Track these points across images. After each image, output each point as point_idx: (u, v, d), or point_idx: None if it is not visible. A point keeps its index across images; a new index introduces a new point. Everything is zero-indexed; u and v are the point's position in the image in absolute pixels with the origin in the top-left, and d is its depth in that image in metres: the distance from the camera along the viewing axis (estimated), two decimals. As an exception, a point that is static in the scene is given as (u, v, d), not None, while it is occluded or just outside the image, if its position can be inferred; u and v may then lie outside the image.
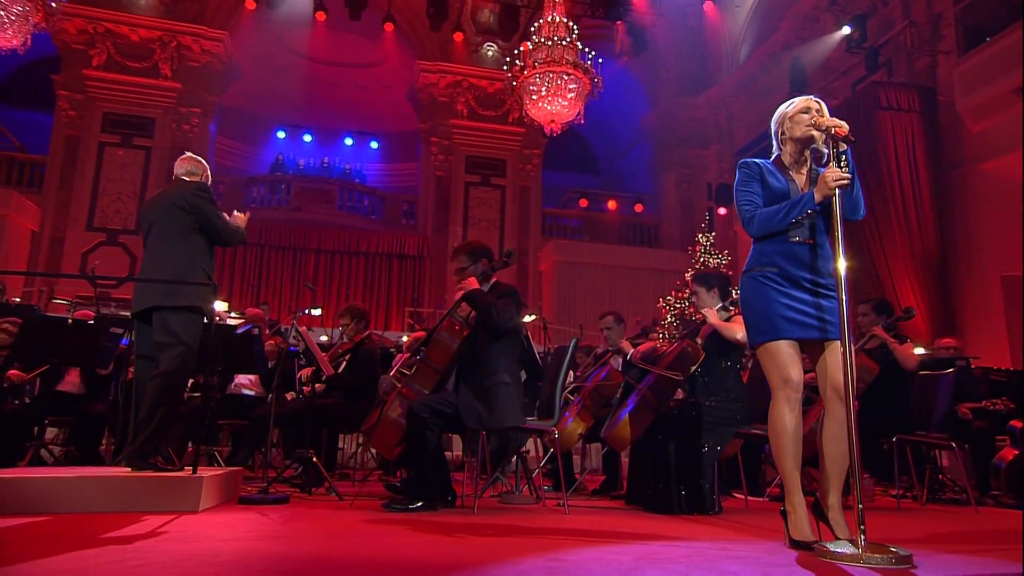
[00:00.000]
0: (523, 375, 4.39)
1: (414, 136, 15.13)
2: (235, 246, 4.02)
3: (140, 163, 12.49)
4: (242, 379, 5.18)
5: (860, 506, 2.26)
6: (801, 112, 2.65)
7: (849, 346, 2.34)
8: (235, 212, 3.91)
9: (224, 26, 13.15)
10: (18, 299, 8.83)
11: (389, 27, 12.45)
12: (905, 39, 10.85)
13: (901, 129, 10.21)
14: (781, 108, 2.73)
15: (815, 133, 2.57)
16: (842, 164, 2.46)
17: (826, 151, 2.54)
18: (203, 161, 3.99)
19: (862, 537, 2.22)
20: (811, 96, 2.72)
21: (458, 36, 12.94)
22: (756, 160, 2.72)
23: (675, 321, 12.11)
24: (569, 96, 10.59)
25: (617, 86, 15.61)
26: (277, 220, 13.23)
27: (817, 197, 2.49)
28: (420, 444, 3.26)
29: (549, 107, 10.60)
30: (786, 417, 2.51)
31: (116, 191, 12.31)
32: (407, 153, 16.02)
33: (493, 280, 3.68)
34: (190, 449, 4.55)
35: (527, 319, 5.96)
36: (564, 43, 10.43)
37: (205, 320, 3.61)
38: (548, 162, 15.42)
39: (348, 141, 16.69)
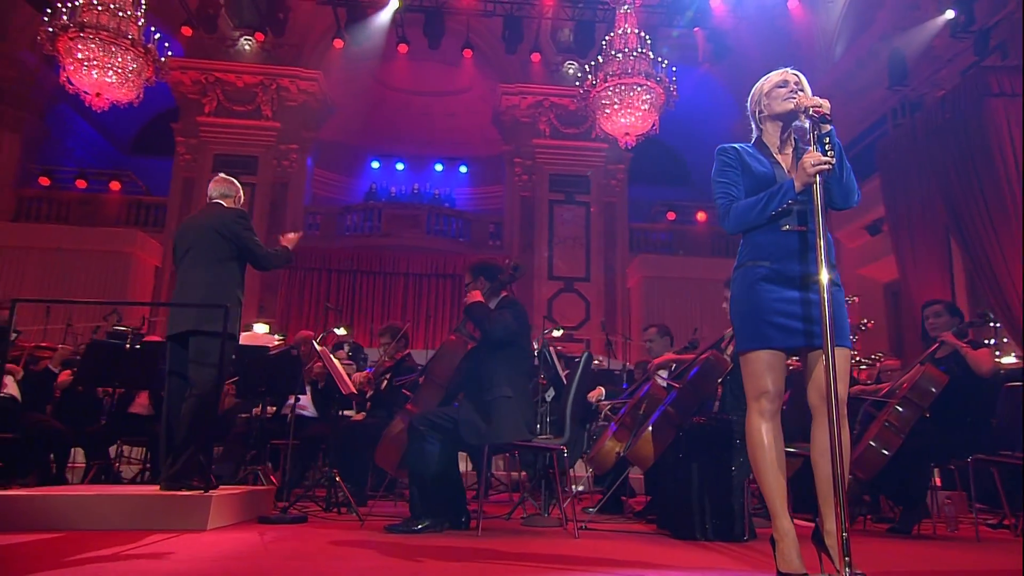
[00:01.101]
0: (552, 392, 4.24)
1: (500, 159, 15.27)
2: (277, 269, 4.10)
3: (246, 199, 13.31)
4: (301, 399, 5.32)
5: (845, 534, 1.97)
6: (777, 86, 2.41)
7: (831, 348, 2.05)
8: (288, 234, 4.04)
9: (318, 66, 13.89)
10: (124, 327, 9.55)
11: (468, 53, 12.68)
12: (1021, 17, 9.78)
13: (1017, 116, 9.17)
14: (756, 85, 2.49)
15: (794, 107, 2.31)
16: (826, 147, 2.19)
17: (808, 131, 2.27)
18: (236, 182, 4.10)
19: (847, 571, 1.92)
20: (788, 68, 2.46)
21: (535, 57, 12.98)
22: (735, 145, 2.48)
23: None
24: (643, 107, 10.34)
25: (704, 94, 15.11)
26: (369, 247, 13.72)
27: (797, 185, 2.23)
28: (419, 459, 3.20)
29: (623, 120, 10.39)
30: (762, 430, 2.26)
31: (225, 226, 13.20)
32: (494, 176, 16.20)
33: (503, 295, 3.57)
34: (242, 472, 4.69)
35: (555, 333, 5.76)
36: (635, 54, 10.21)
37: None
38: (635, 176, 15.09)
39: (438, 167, 17.10)
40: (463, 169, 17.09)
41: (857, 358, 10.35)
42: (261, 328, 6.57)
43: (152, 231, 13.32)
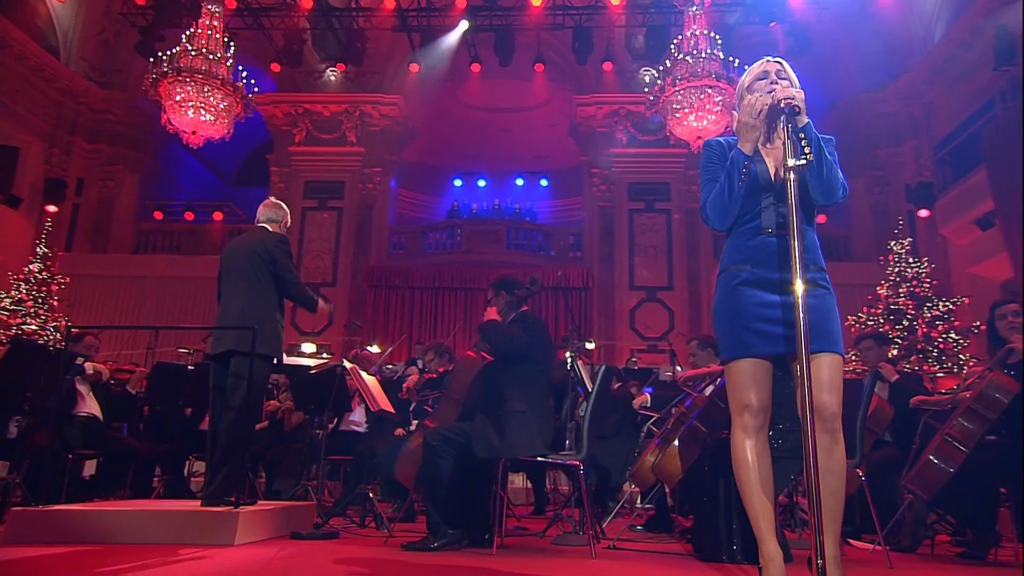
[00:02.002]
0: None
1: (579, 170, 15.19)
2: (298, 303, 4.16)
3: (334, 222, 13.96)
4: (354, 416, 5.48)
5: (820, 561, 1.78)
6: (758, 78, 2.26)
7: (805, 355, 1.88)
8: (326, 302, 4.15)
9: (398, 91, 14.36)
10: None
11: (540, 67, 12.71)
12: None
13: None
14: (741, 78, 2.34)
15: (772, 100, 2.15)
16: (802, 141, 2.02)
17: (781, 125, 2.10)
18: (283, 207, 4.25)
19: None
20: (770, 56, 2.29)
21: (607, 66, 12.83)
22: (721, 139, 2.35)
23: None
24: (715, 110, 9.98)
25: (790, 91, 14.40)
26: (451, 264, 13.96)
27: (745, 148, 2.10)
28: (433, 474, 3.19)
29: (695, 123, 10.07)
30: (745, 447, 2.10)
31: (316, 249, 13.86)
32: (574, 187, 16.11)
33: (523, 308, 3.52)
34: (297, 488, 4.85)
35: (588, 346, 5.59)
36: (704, 56, 9.89)
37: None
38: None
39: (519, 182, 17.23)
40: (544, 182, 17.13)
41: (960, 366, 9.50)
42: (308, 347, 6.80)
43: (251, 256, 14.16)
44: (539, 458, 3.20)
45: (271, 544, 3.32)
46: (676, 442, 3.32)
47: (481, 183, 17.29)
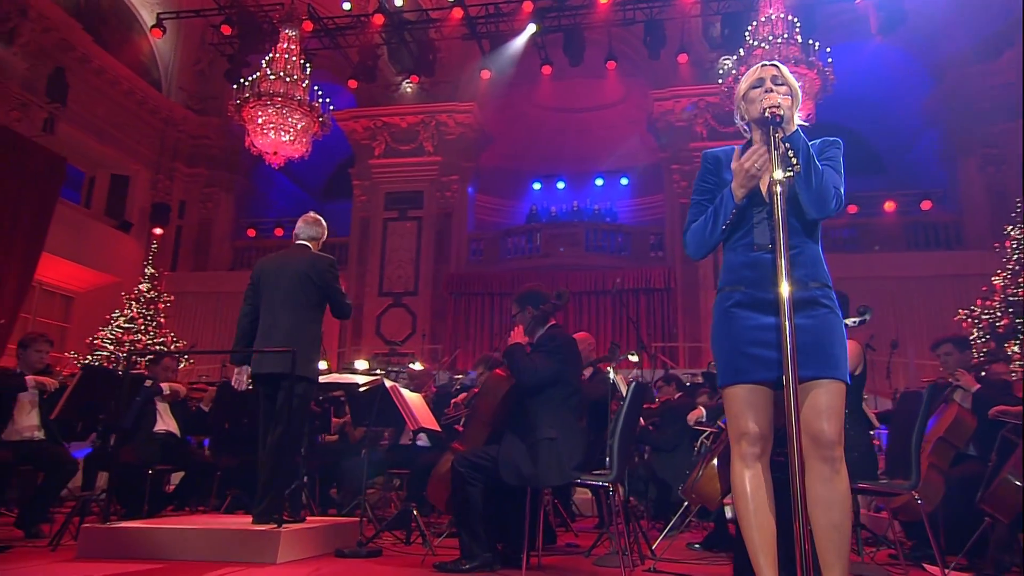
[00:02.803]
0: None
1: (659, 167, 14.86)
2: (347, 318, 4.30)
3: (414, 232, 14.32)
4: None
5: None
6: (753, 86, 2.13)
7: (792, 380, 1.76)
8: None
9: (473, 98, 14.54)
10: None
11: (612, 65, 12.53)
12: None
13: None
14: (739, 84, 2.22)
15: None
16: (788, 152, 1.90)
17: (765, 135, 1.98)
18: (323, 222, 4.29)
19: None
20: (767, 61, 2.16)
21: (682, 58, 12.47)
22: (718, 151, 2.24)
23: (984, 336, 9.86)
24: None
25: (886, 68, 13.53)
26: (529, 268, 13.99)
27: (737, 194, 1.97)
28: (462, 501, 3.19)
29: (773, 112, 9.61)
30: (744, 477, 1.99)
31: (398, 259, 14.27)
32: (655, 185, 15.76)
33: (551, 323, 3.47)
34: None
35: (632, 359, 5.40)
36: (781, 40, 9.43)
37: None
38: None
39: (599, 182, 17.04)
40: (624, 181, 16.87)
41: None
42: (361, 364, 7.00)
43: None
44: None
45: (311, 563, 3.44)
46: (715, 462, 3.19)
47: (560, 185, 17.23)
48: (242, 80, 11.02)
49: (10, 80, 11.79)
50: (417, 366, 6.81)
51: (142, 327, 12.27)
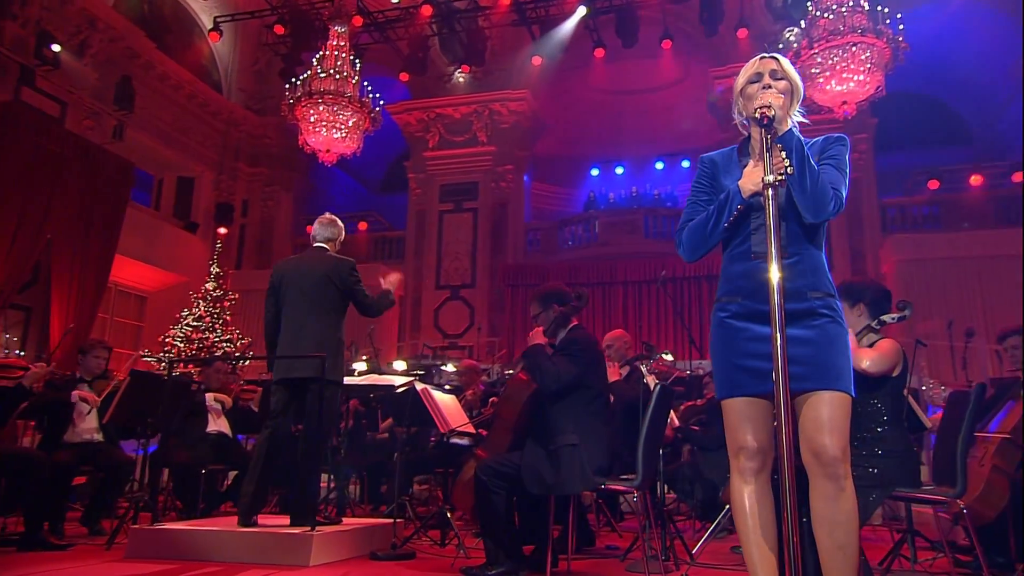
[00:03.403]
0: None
1: (721, 147, 14.44)
2: (381, 315, 4.37)
3: (469, 224, 14.44)
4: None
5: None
6: (751, 81, 2.06)
7: (784, 393, 1.70)
8: (389, 274, 4.34)
9: (526, 86, 14.50)
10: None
11: (667, 44, 12.25)
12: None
13: None
14: (738, 77, 2.15)
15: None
16: (773, 153, 1.83)
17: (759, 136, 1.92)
18: (338, 222, 4.37)
19: None
20: (766, 54, 2.07)
21: (742, 33, 12.05)
22: (714, 154, 2.19)
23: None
24: (863, 69, 9.05)
25: (972, 31, 12.73)
26: (586, 258, 13.91)
27: (747, 189, 1.92)
28: (486, 508, 3.22)
29: (838, 87, 9.21)
30: (743, 493, 1.95)
31: (454, 252, 14.43)
32: (718, 166, 15.35)
33: (573, 323, 3.45)
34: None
35: (666, 357, 5.26)
36: (846, 9, 9.00)
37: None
38: (885, 142, 13.23)
39: (659, 165, 16.72)
40: (685, 164, 16.50)
41: None
42: (400, 364, 7.09)
43: (393, 263, 15.03)
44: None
45: (342, 566, 3.55)
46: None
47: (619, 170, 17.01)
48: (293, 80, 11.34)
49: (82, 90, 12.47)
50: (451, 367, 6.87)
51: (209, 325, 12.87)
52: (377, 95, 11.34)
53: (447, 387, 6.76)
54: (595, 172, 17.16)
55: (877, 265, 12.30)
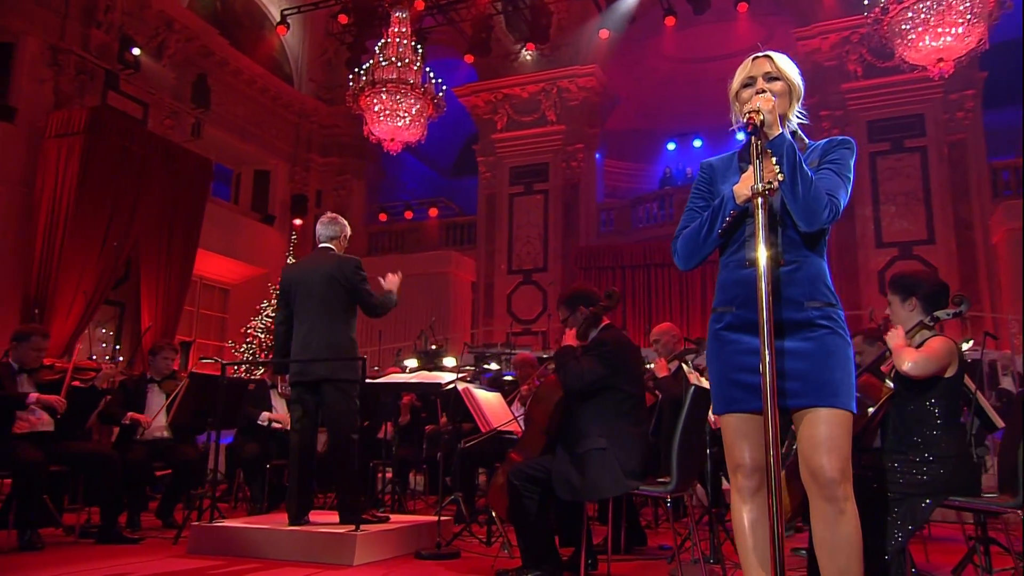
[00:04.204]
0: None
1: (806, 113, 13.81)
2: (385, 315, 4.43)
3: (540, 206, 14.45)
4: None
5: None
6: (744, 84, 2.00)
7: (772, 411, 1.67)
8: (388, 275, 4.41)
9: (595, 60, 14.30)
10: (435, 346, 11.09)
11: (743, 7, 11.79)
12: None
13: None
14: (733, 80, 2.10)
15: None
16: (757, 160, 1.79)
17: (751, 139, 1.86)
18: (340, 220, 4.47)
19: None
20: (758, 53, 2.01)
21: (827, -12, 11.46)
22: (713, 160, 2.16)
23: None
24: (960, 21, 8.44)
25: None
26: (661, 237, 13.64)
27: (741, 194, 1.88)
28: (518, 512, 3.28)
29: (931, 43, 8.63)
30: (741, 512, 1.94)
31: (525, 236, 14.49)
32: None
33: (604, 323, 3.45)
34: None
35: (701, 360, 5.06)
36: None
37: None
38: (997, 99, 12.30)
39: (740, 136, 16.10)
40: (769, 133, 15.86)
41: None
42: (449, 361, 7.17)
43: (465, 249, 15.25)
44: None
45: (385, 565, 3.71)
46: (783, 473, 3.04)
47: (697, 143, 16.55)
48: (356, 69, 11.62)
49: (162, 91, 13.22)
50: (495, 365, 6.95)
51: (288, 316, 13.46)
52: (439, 80, 11.47)
53: (508, 378, 6.87)
54: (671, 146, 16.78)
55: (987, 235, 11.52)
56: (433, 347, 10.58)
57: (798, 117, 2.09)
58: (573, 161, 14.46)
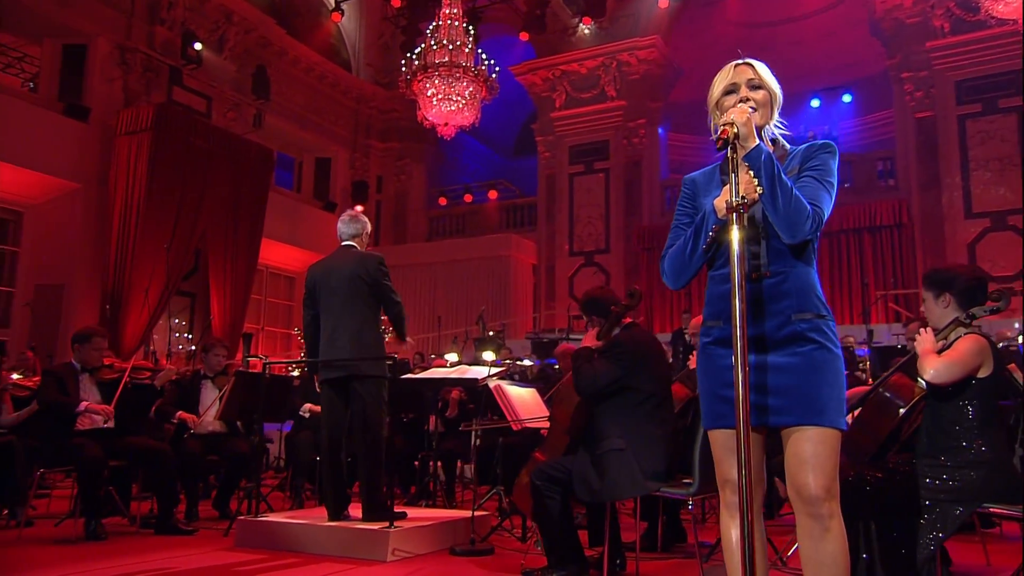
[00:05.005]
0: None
1: (887, 76, 13.18)
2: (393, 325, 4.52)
3: (601, 186, 14.35)
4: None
5: None
6: (726, 92, 1.98)
7: (744, 426, 1.67)
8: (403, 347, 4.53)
9: (656, 31, 14.02)
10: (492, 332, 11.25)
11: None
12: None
13: None
14: (712, 87, 2.08)
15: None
16: (731, 174, 1.77)
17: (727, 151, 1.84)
18: (361, 217, 4.55)
19: None
20: (739, 60, 1.98)
21: (904, -59, 10.87)
22: (696, 174, 2.15)
23: None
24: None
25: None
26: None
27: (721, 208, 1.88)
28: (542, 514, 3.36)
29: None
30: (728, 527, 1.97)
31: (587, 216, 14.44)
32: (883, 99, 13.99)
33: (626, 322, 3.46)
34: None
35: None
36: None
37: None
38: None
39: (815, 103, 15.51)
40: (847, 98, 15.20)
41: None
42: (488, 355, 7.21)
43: (525, 231, 15.31)
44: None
45: (418, 561, 3.86)
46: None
47: (769, 112, 15.96)
48: (409, 54, 11.77)
49: (223, 84, 13.75)
50: (527, 362, 6.97)
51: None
52: (492, 61, 11.50)
53: (556, 367, 6.92)
54: (741, 116, 16.26)
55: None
56: (491, 333, 10.74)
57: (778, 127, 2.06)
58: (635, 137, 14.27)
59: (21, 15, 10.92)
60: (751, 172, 1.81)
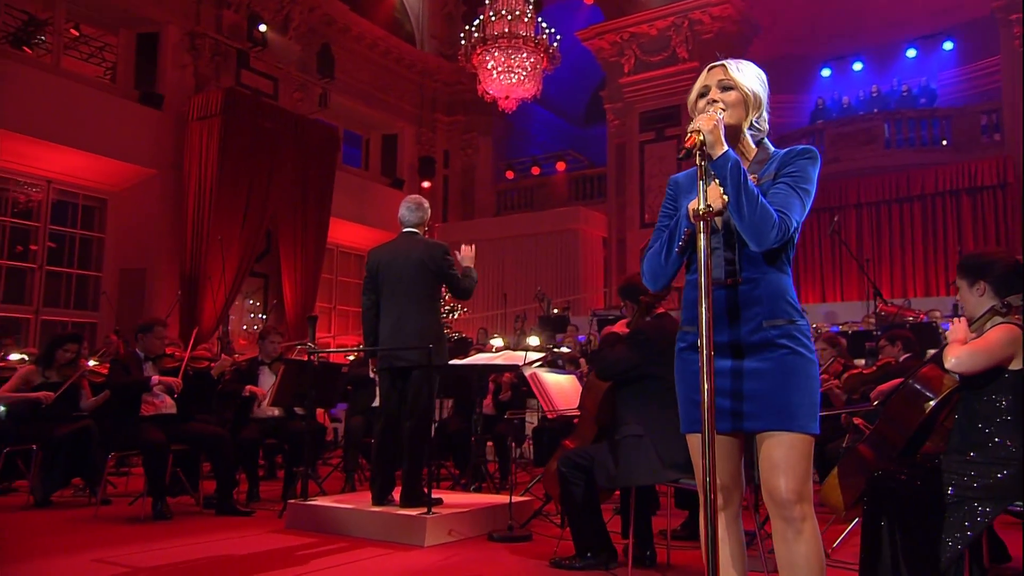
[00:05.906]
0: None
1: (992, 20, 12.34)
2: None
3: (673, 153, 14.10)
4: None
5: None
6: (700, 95, 2.01)
7: (709, 434, 1.73)
8: (462, 247, 4.62)
9: (732, -16, 13.58)
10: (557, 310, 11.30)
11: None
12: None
13: None
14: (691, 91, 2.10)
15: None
16: (715, 180, 1.82)
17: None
18: (424, 203, 4.68)
19: None
20: (715, 63, 2.00)
21: None
22: (680, 175, 2.18)
23: None
24: None
25: None
26: (811, 179, 12.90)
27: (691, 215, 1.90)
28: (568, 500, 3.48)
29: None
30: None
31: (658, 186, 14.23)
32: (988, 46, 13.08)
33: (659, 311, 3.51)
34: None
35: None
36: None
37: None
38: None
39: (911, 53, 14.64)
40: (948, 46, 14.27)
41: None
42: (533, 340, 7.23)
43: (595, 203, 15.24)
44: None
45: (454, 546, 4.04)
46: (835, 470, 3.00)
47: (857, 67, 15.21)
48: (468, 26, 11.84)
49: (289, 65, 14.20)
50: (566, 348, 6.98)
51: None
52: (552, 30, 11.44)
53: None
54: (826, 72, 15.56)
55: None
56: (555, 311, 10.84)
57: (757, 127, 2.06)
58: (710, 100, 13.89)
59: (100, 5, 11.58)
60: (716, 180, 1.85)
